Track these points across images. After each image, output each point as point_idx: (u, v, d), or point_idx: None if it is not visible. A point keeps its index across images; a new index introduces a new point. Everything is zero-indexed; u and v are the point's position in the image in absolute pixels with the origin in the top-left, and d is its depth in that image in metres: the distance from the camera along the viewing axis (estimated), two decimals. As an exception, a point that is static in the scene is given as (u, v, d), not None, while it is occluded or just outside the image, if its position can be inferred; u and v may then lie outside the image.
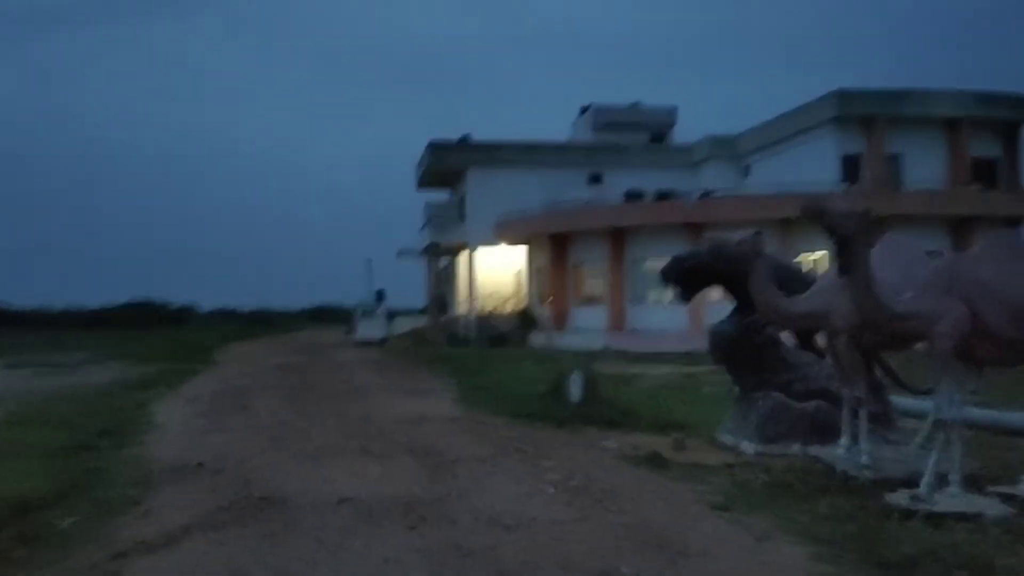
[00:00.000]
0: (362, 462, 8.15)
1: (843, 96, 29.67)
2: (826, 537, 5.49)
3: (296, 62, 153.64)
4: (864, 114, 29.71)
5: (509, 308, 38.28)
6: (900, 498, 6.37)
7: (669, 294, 31.73)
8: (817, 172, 29.21)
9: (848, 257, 6.24)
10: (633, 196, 33.85)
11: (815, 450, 8.33)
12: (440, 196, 44.36)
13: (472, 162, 37.68)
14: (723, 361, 9.80)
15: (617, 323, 31.64)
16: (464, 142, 39.04)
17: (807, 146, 31.14)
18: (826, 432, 9.08)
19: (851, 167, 29.99)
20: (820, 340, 10.12)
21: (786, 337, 9.99)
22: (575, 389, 11.24)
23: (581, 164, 38.09)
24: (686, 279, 9.59)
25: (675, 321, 29.93)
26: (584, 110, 43.59)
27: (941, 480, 6.79)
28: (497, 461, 7.99)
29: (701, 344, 26.63)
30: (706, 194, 30.84)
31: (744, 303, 9.63)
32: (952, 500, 6.21)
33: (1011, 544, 5.34)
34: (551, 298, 34.52)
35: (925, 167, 29.34)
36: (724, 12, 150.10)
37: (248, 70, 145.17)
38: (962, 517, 5.92)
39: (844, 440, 7.88)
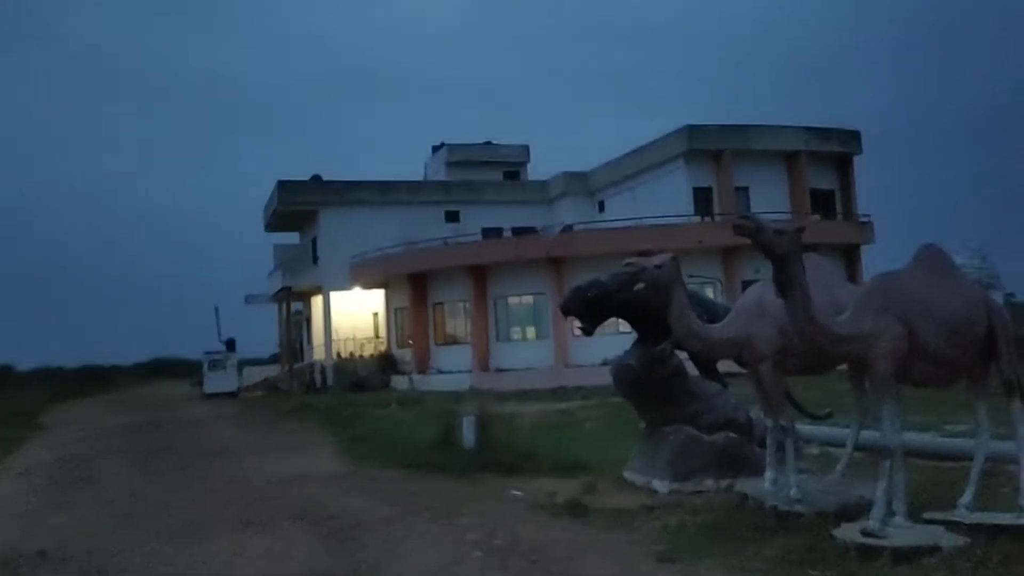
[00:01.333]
0: (243, 536, 7.06)
1: (693, 131, 30.56)
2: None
3: (130, 102, 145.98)
4: (713, 148, 30.69)
5: (368, 352, 37.02)
6: (850, 533, 5.95)
7: (533, 331, 31.91)
8: (670, 205, 29.86)
9: (785, 277, 5.84)
10: (492, 232, 33.58)
11: (741, 485, 7.89)
12: (290, 239, 42.66)
13: (324, 202, 36.41)
14: (629, 396, 9.30)
15: (482, 362, 31.02)
16: (315, 181, 37.72)
17: (660, 180, 31.85)
18: (736, 465, 8.74)
19: (702, 200, 30.86)
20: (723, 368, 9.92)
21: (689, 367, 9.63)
22: (468, 434, 10.46)
23: (437, 202, 37.52)
24: (588, 310, 9.05)
25: (541, 358, 29.68)
26: (437, 148, 43.24)
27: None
28: (406, 522, 7.10)
29: (568, 380, 26.98)
30: (567, 228, 30.90)
31: (647, 333, 9.22)
32: (904, 533, 5.84)
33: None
34: (412, 340, 33.56)
35: (769, 198, 30.50)
36: (569, 53, 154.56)
37: (78, 112, 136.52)
38: (915, 551, 5.54)
39: (769, 473, 7.48)
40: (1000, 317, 6.32)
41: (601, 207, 36.09)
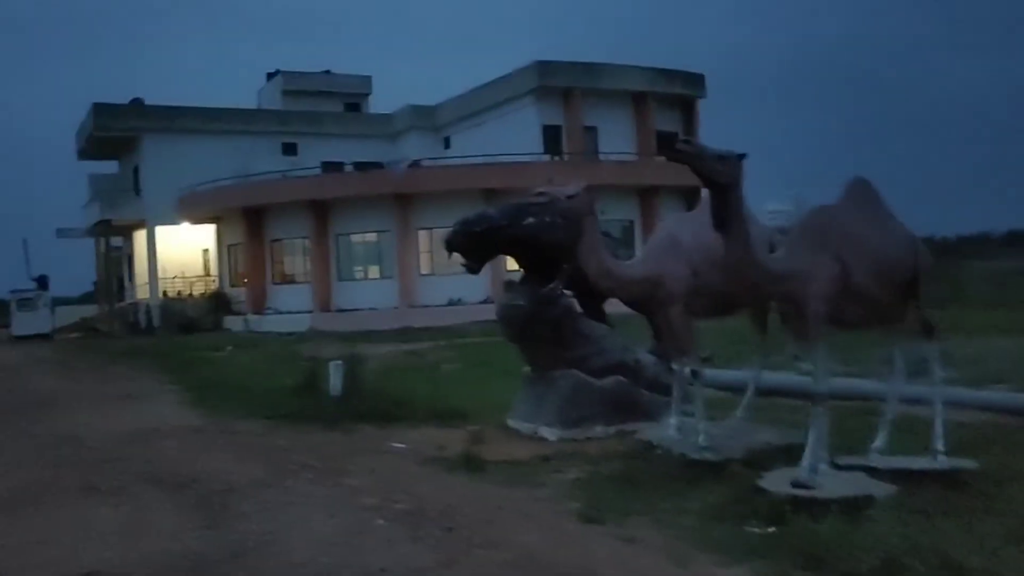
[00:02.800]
0: (89, 507, 5.98)
1: (543, 68, 30.08)
2: (749, 549, 4.56)
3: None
4: (563, 86, 30.34)
5: (198, 291, 34.77)
6: (777, 484, 5.63)
7: (377, 270, 30.81)
8: (520, 143, 29.37)
9: (726, 209, 5.34)
10: (332, 167, 31.96)
11: (635, 430, 7.50)
12: (108, 168, 39.16)
13: (147, 128, 33.52)
14: (517, 338, 8.71)
15: (323, 303, 29.75)
16: (136, 105, 34.59)
17: (509, 117, 31.25)
18: (626, 410, 8.40)
19: (552, 138, 30.55)
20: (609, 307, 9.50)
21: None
22: (336, 381, 9.58)
23: (273, 133, 35.38)
24: (475, 246, 8.33)
25: (385, 298, 28.76)
26: (272, 76, 40.67)
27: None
28: (286, 485, 6.23)
29: (414, 320, 26.21)
30: (415, 164, 29.83)
31: (538, 272, 8.63)
32: (833, 482, 5.57)
33: (939, 529, 4.72)
34: (246, 279, 31.70)
35: (617, 139, 30.64)
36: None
37: None
38: (851, 503, 5.28)
39: (673, 420, 7.12)
40: (925, 258, 6.12)
41: (447, 143, 35.17)
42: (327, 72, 40.80)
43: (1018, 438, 6.91)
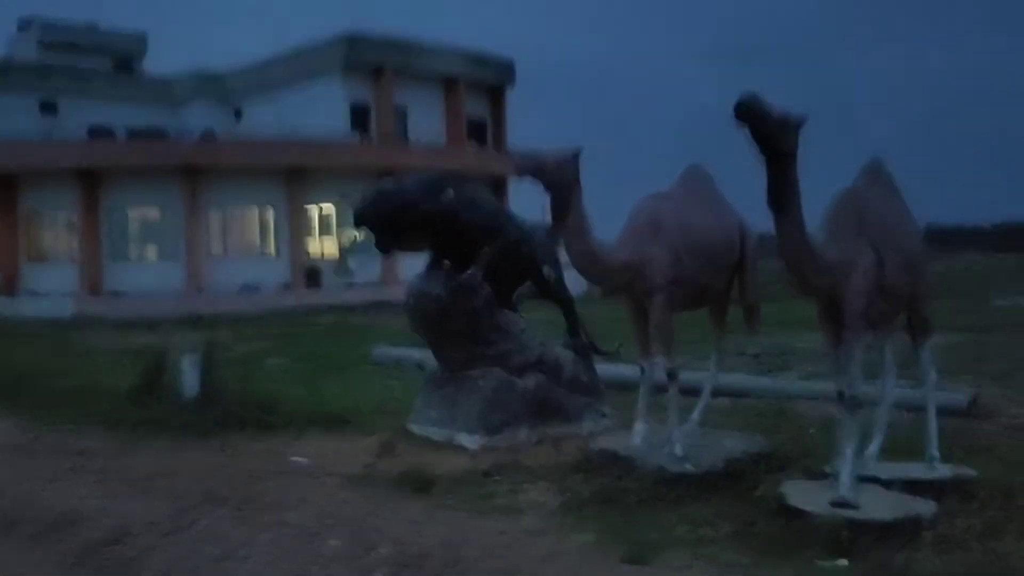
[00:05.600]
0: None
1: (354, 42, 28.30)
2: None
3: None
4: (374, 63, 28.73)
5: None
6: (808, 502, 4.89)
7: (159, 250, 27.69)
8: (324, 120, 27.53)
9: (784, 184, 4.50)
10: (101, 132, 28.28)
11: (607, 441, 6.56)
12: None
13: None
14: (428, 330, 7.49)
15: (92, 285, 26.29)
16: None
17: (312, 92, 29.10)
18: (548, 412, 7.47)
19: (360, 117, 28.87)
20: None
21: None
22: (190, 379, 7.83)
23: (27, 88, 30.86)
24: (389, 223, 7.03)
25: (168, 281, 25.89)
26: (25, 24, 35.56)
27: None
28: (199, 527, 4.63)
29: (203, 307, 23.72)
30: (208, 135, 27.03)
31: (453, 256, 7.46)
32: (873, 501, 4.91)
33: (1011, 556, 4.17)
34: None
35: (427, 123, 29.54)
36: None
37: None
38: (902, 525, 4.64)
39: (640, 426, 6.24)
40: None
41: (238, 115, 32.30)
42: (93, 25, 36.28)
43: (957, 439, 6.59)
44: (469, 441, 7.02)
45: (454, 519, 4.87)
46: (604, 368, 8.60)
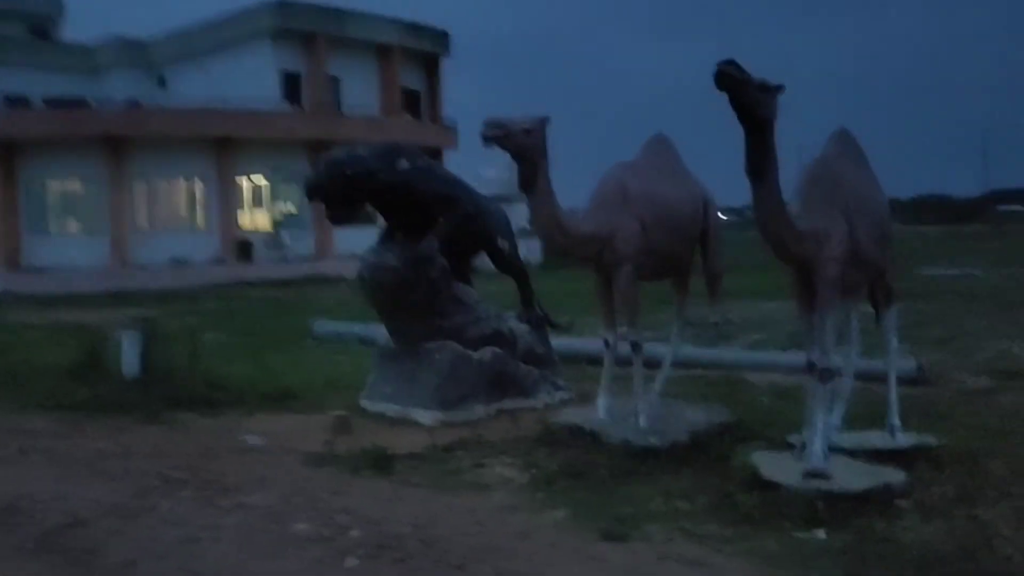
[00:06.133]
0: None
1: (284, 8, 27.44)
2: (830, 563, 3.72)
3: None
4: (306, 31, 27.92)
5: None
6: (780, 473, 4.84)
7: (82, 223, 26.57)
8: (253, 88, 26.69)
9: (763, 152, 4.40)
10: (17, 102, 26.92)
11: (570, 414, 6.44)
12: None
13: None
14: (383, 304, 7.25)
15: (10, 260, 25.14)
16: None
17: (241, 59, 28.17)
18: (504, 386, 7.35)
19: (291, 86, 28.09)
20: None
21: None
22: (131, 357, 7.45)
23: (-67, 53, 29.18)
24: (343, 193, 6.76)
25: (92, 256, 24.90)
26: (-73, -15, 33.56)
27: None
28: (160, 510, 4.35)
29: (130, 282, 22.90)
30: (133, 104, 25.98)
31: (407, 227, 7.23)
32: (845, 471, 4.89)
33: (987, 522, 4.19)
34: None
35: (361, 92, 28.89)
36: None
37: None
38: (876, 493, 4.64)
39: (603, 400, 6.15)
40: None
41: (162, 83, 31.10)
42: (5, -12, 34.47)
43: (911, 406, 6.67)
44: (425, 416, 6.85)
45: (422, 497, 4.70)
46: (557, 341, 8.52)
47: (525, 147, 5.25)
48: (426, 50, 31.17)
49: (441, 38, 31.47)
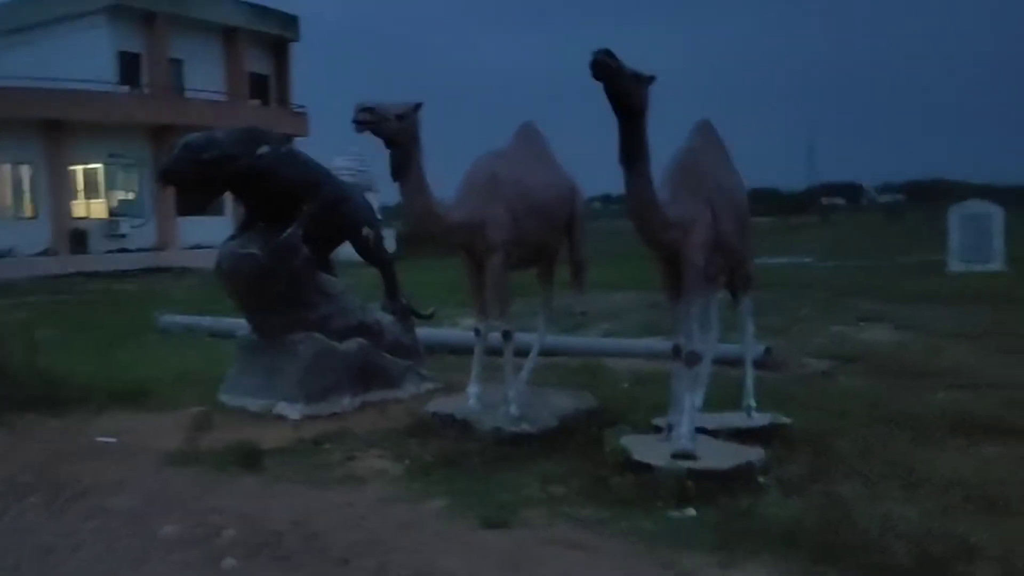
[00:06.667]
0: None
1: (121, -17, 25.89)
2: (699, 538, 3.88)
3: None
4: (144, 9, 26.43)
5: None
6: (648, 454, 5.00)
7: None
8: (86, 68, 25.06)
9: (635, 141, 4.51)
10: None
11: (441, 404, 6.39)
12: None
13: None
14: (244, 295, 6.99)
15: None
16: None
17: (73, 37, 26.37)
18: (370, 377, 7.27)
19: (129, 67, 26.55)
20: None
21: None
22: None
23: None
24: (200, 179, 6.45)
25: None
26: None
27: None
28: (6, 519, 4.00)
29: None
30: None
31: (267, 216, 6.99)
32: (709, 451, 5.10)
33: (839, 496, 4.49)
34: None
35: (206, 75, 27.68)
36: None
37: None
38: (733, 474, 4.86)
39: (474, 388, 6.16)
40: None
41: (-17, 59, 28.67)
42: None
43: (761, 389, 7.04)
44: (290, 410, 6.66)
45: (296, 493, 4.56)
46: (423, 331, 8.47)
47: (398, 133, 5.17)
48: (274, 34, 30.19)
49: (290, 22, 30.56)
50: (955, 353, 8.69)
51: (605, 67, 4.25)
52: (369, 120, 5.10)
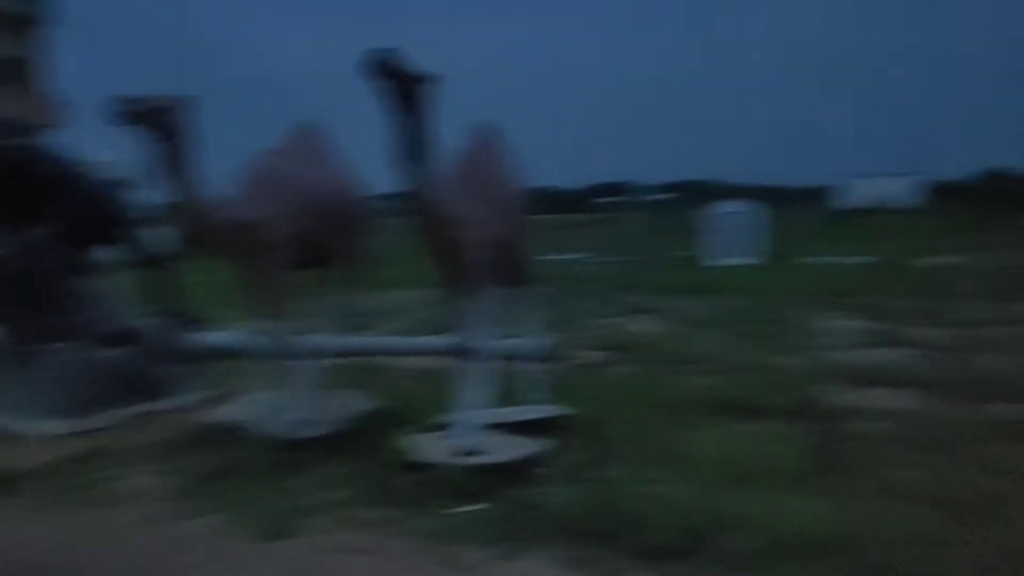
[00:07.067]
0: None
1: None
2: (492, 534, 3.99)
3: None
4: None
5: None
6: (434, 454, 5.04)
7: None
8: None
9: (418, 144, 4.51)
10: None
11: (220, 412, 6.09)
12: None
13: None
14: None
15: None
16: None
17: None
18: (138, 387, 6.91)
19: None
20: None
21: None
22: None
23: None
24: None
25: None
26: None
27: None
28: None
29: None
30: None
31: (18, 213, 6.40)
32: (498, 445, 5.20)
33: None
34: None
35: None
36: None
37: None
38: (516, 466, 5.01)
39: (251, 394, 5.96)
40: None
41: None
42: None
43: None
44: (50, 427, 6.14)
45: (59, 518, 4.21)
46: (197, 337, 8.05)
47: (167, 127, 4.88)
48: (26, 13, 27.50)
49: (45, 2, 27.94)
50: (710, 340, 9.40)
51: (385, 65, 4.24)
52: (134, 112, 4.81)
